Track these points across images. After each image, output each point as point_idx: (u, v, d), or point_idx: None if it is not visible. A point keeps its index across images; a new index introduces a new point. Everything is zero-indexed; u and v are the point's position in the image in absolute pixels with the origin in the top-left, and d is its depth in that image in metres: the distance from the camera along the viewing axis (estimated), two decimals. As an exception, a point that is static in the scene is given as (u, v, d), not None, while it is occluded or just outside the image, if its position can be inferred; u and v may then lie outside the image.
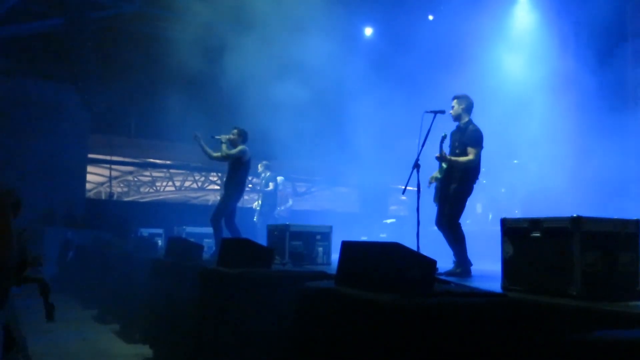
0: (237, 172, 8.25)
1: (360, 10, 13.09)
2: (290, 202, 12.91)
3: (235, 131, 8.35)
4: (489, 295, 3.35)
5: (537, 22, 11.91)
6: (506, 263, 3.81)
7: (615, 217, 3.69)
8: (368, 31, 14.89)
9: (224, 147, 8.17)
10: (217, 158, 8.35)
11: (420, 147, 5.63)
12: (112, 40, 12.96)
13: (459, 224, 5.73)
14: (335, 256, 5.00)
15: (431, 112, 5.74)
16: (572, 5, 11.21)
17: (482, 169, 5.97)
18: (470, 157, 5.68)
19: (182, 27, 12.06)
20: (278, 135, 11.49)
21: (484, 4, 11.69)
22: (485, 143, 5.85)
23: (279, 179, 12.37)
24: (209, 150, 8.31)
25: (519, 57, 11.48)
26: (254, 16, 11.23)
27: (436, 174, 5.91)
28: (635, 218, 3.67)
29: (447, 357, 2.71)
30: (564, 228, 3.41)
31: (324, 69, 11.57)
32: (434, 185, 5.97)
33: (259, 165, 11.88)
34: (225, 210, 8.18)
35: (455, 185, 5.71)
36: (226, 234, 8.11)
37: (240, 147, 8.23)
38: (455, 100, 5.89)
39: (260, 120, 10.67)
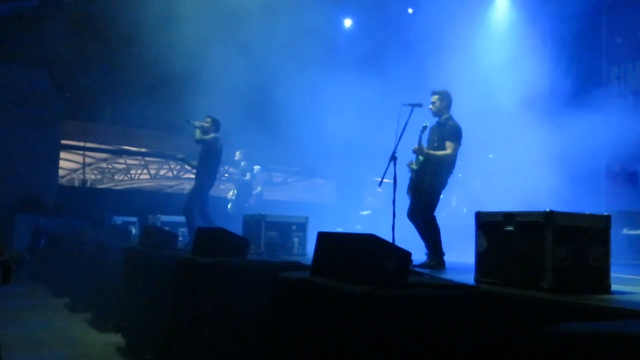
0: (208, 161, 8.26)
1: (340, 2, 13.05)
2: (259, 188, 12.72)
3: (208, 119, 8.35)
4: (462, 287, 3.39)
5: (515, 15, 12.02)
6: (480, 256, 3.86)
7: (587, 210, 3.76)
8: (347, 23, 14.87)
9: (197, 132, 8.20)
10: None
11: (397, 140, 5.65)
12: (87, 25, 12.70)
13: (434, 217, 5.77)
14: (311, 247, 5.00)
15: (409, 105, 5.76)
16: (551, 3, 11.33)
17: (458, 163, 6.02)
18: (448, 151, 5.72)
19: (157, 12, 11.89)
20: (254, 124, 11.45)
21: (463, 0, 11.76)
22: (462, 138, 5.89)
23: (256, 168, 12.32)
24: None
25: (496, 50, 11.58)
26: (233, 8, 11.14)
27: (413, 164, 5.93)
28: (605, 213, 3.75)
29: (421, 347, 2.74)
30: (536, 222, 3.46)
31: (299, 59, 11.54)
32: (408, 177, 6.00)
33: (237, 153, 11.81)
34: (198, 199, 8.18)
35: (429, 179, 5.74)
36: (200, 223, 8.08)
37: (212, 135, 8.24)
38: (436, 97, 5.91)
39: (235, 108, 10.62)
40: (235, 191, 11.83)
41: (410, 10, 13.89)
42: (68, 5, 12.57)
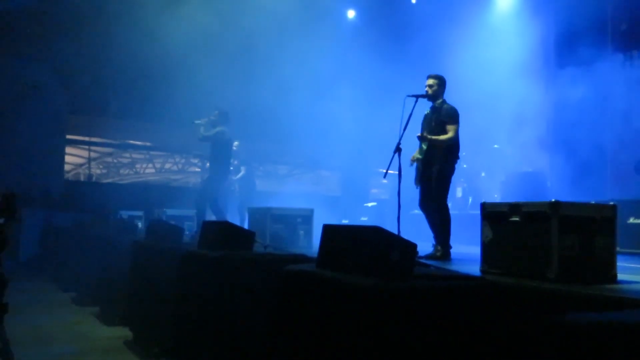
0: (217, 156, 8.28)
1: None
2: (243, 171, 12.56)
3: (215, 112, 8.37)
4: (468, 278, 3.39)
5: (519, 3, 11.93)
6: (485, 247, 3.86)
7: (593, 199, 3.75)
8: (351, 14, 14.81)
9: (201, 129, 8.22)
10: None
11: (402, 131, 5.64)
12: (91, 20, 12.69)
13: (447, 206, 5.77)
14: (316, 239, 5.01)
15: (413, 96, 5.75)
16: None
17: (462, 153, 6.01)
18: (450, 134, 5.70)
19: (163, 8, 11.88)
20: (258, 117, 11.45)
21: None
22: (465, 127, 5.88)
23: (235, 143, 12.35)
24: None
25: (500, 40, 11.51)
26: (241, 6, 11.13)
27: (416, 154, 5.92)
28: (611, 203, 3.73)
29: (428, 339, 2.75)
30: (542, 212, 3.45)
31: (303, 51, 11.52)
32: (414, 167, 5.98)
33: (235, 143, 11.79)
34: (211, 191, 8.23)
35: (437, 166, 5.72)
36: (210, 217, 8.15)
37: (217, 129, 8.25)
38: (434, 80, 5.89)
39: (240, 101, 10.61)
40: (237, 187, 11.81)
41: (413, 1, 13.81)
42: (72, 2, 12.54)
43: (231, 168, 12.32)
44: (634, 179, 9.04)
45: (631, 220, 6.82)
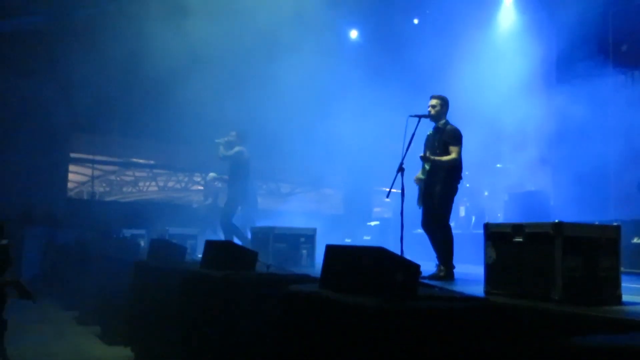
0: (236, 175, 8.39)
1: (346, 13, 13.10)
2: (210, 200, 12.56)
3: (233, 133, 8.51)
4: (472, 299, 3.37)
5: (521, 24, 12.02)
6: (489, 267, 3.84)
7: (596, 217, 3.74)
8: (354, 34, 14.92)
9: (221, 149, 8.33)
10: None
11: (404, 151, 5.65)
12: (96, 38, 12.80)
13: (449, 226, 5.77)
14: (319, 258, 5.00)
15: (416, 116, 5.78)
16: (556, 12, 11.33)
17: (465, 173, 6.01)
18: (454, 155, 5.72)
19: (166, 26, 11.99)
20: (262, 135, 11.47)
21: (468, 9, 11.78)
22: (467, 146, 5.89)
23: (211, 175, 12.42)
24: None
25: (502, 61, 11.58)
26: (238, 19, 11.22)
27: (419, 175, 5.94)
28: (615, 223, 3.73)
29: (431, 361, 2.73)
30: (545, 233, 3.45)
31: (306, 70, 11.58)
32: (417, 187, 5.99)
33: None
34: (232, 211, 8.35)
35: (440, 186, 5.73)
36: (228, 234, 8.25)
37: (236, 149, 8.35)
38: (437, 100, 5.93)
39: (244, 119, 10.65)
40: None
41: (415, 21, 13.92)
42: (77, 20, 12.67)
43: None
44: (637, 199, 9.02)
45: (635, 240, 6.80)
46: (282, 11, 10.87)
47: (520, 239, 3.62)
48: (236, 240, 8.89)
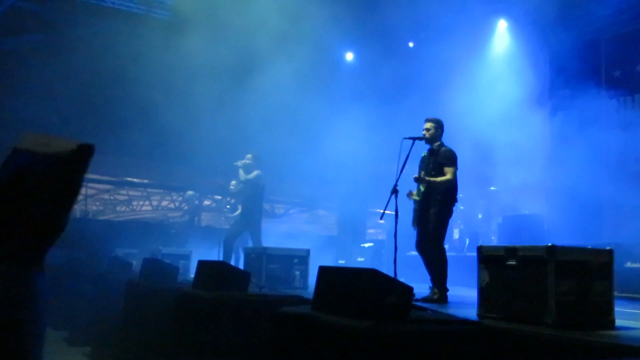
0: (251, 198, 8.46)
1: (341, 35, 13.22)
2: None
3: (249, 156, 8.60)
4: (465, 323, 3.36)
5: (515, 49, 12.15)
6: (482, 290, 3.83)
7: (589, 241, 3.75)
8: (349, 56, 15.05)
9: (241, 172, 8.39)
10: (238, 188, 8.64)
11: (399, 173, 5.67)
12: (90, 57, 12.87)
13: (444, 248, 5.76)
14: (312, 280, 4.98)
15: (410, 138, 5.81)
16: (549, 37, 11.49)
17: (460, 195, 6.02)
18: (448, 176, 5.74)
19: (163, 46, 12.09)
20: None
21: (463, 33, 11.91)
22: (461, 169, 5.91)
23: (189, 193, 12.46)
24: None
25: (494, 84, 11.69)
26: (239, 43, 11.33)
27: (415, 195, 5.92)
28: (608, 247, 3.73)
29: (423, 385, 2.71)
30: (539, 257, 3.45)
31: (301, 91, 11.66)
32: (412, 209, 5.99)
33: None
34: (236, 231, 8.44)
35: (435, 209, 5.73)
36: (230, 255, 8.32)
37: (255, 172, 8.42)
38: (431, 124, 5.96)
39: (237, 139, 10.69)
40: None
41: (411, 44, 14.06)
42: (70, 40, 12.75)
43: (228, 207, 12.32)
44: (630, 223, 9.05)
45: (628, 264, 6.80)
46: (277, 32, 10.96)
47: (514, 262, 3.62)
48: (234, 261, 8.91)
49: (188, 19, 11.46)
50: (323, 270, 3.54)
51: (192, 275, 6.12)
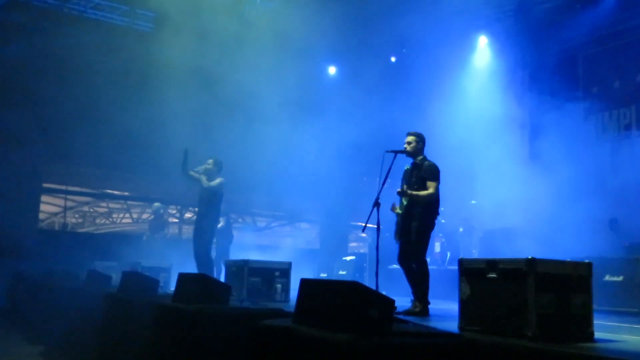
0: (209, 204, 8.19)
1: (324, 50, 13.31)
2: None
3: (210, 161, 8.33)
4: (446, 335, 3.36)
5: (495, 66, 12.32)
6: (463, 303, 3.84)
7: (568, 255, 3.78)
8: (332, 70, 15.14)
9: (203, 179, 8.11)
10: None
11: (380, 186, 5.69)
12: (70, 70, 12.80)
13: (426, 261, 5.77)
14: (294, 293, 4.96)
15: (392, 151, 5.83)
16: (528, 53, 11.68)
17: (441, 209, 6.05)
18: (431, 190, 5.77)
19: (145, 59, 12.06)
20: (238, 169, 11.46)
21: (444, 49, 12.07)
22: (443, 183, 5.95)
23: (156, 205, 12.38)
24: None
25: (476, 99, 11.83)
26: (221, 54, 11.34)
27: (397, 208, 5.94)
28: (587, 260, 3.77)
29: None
30: (519, 269, 3.47)
31: (284, 105, 11.69)
32: (394, 222, 6.00)
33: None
34: (209, 242, 8.16)
35: (416, 223, 5.75)
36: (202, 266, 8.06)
37: (218, 180, 8.21)
38: (413, 137, 5.98)
39: (220, 154, 10.65)
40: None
41: (393, 59, 14.20)
42: (51, 52, 12.67)
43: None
44: (609, 236, 9.17)
45: (607, 277, 6.88)
46: (260, 42, 10.99)
47: (494, 275, 3.64)
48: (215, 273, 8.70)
49: (170, 30, 11.46)
50: (305, 283, 3.53)
51: (173, 289, 6.05)
